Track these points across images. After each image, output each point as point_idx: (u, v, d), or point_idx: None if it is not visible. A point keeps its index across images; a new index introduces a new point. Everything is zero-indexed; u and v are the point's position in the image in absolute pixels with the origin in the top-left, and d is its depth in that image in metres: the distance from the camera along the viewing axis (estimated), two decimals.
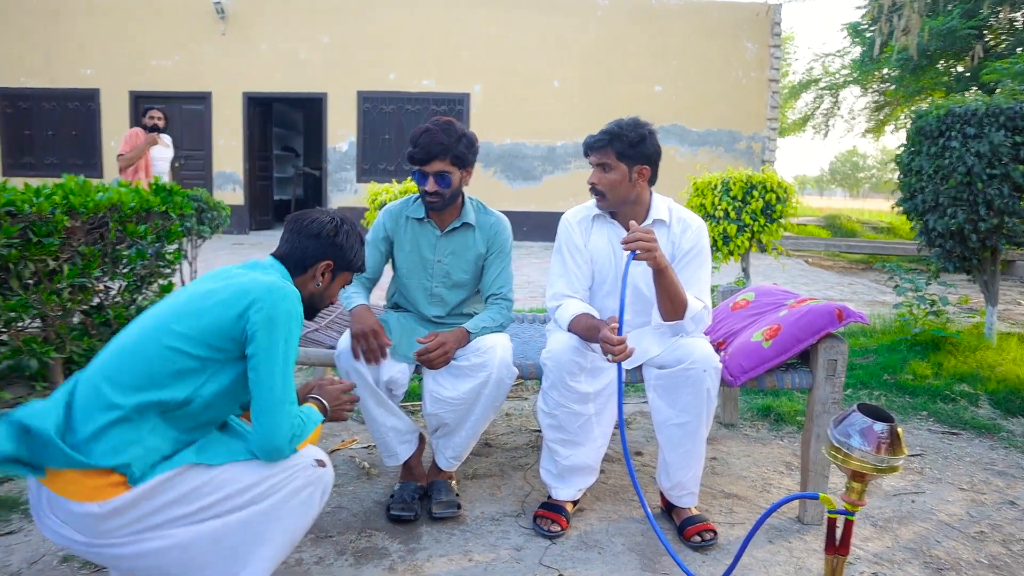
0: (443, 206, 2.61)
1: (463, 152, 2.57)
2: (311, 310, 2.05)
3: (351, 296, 2.63)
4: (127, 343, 1.73)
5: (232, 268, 1.91)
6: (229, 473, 1.72)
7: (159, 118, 6.93)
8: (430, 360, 2.47)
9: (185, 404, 1.71)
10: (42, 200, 3.23)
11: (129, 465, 1.59)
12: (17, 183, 3.40)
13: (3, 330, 3.36)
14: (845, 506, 1.73)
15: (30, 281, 3.35)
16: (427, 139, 2.52)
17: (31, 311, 3.30)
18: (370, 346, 2.45)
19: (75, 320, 3.99)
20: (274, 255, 1.99)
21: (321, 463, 1.85)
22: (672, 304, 2.36)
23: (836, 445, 1.69)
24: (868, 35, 15.12)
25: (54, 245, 3.26)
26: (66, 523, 1.59)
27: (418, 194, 2.75)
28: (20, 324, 3.49)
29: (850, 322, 2.47)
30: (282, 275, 1.92)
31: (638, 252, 2.20)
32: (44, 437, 1.55)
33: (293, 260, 1.97)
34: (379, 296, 3.08)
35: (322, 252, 1.98)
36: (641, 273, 2.47)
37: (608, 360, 2.23)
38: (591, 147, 2.51)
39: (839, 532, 1.77)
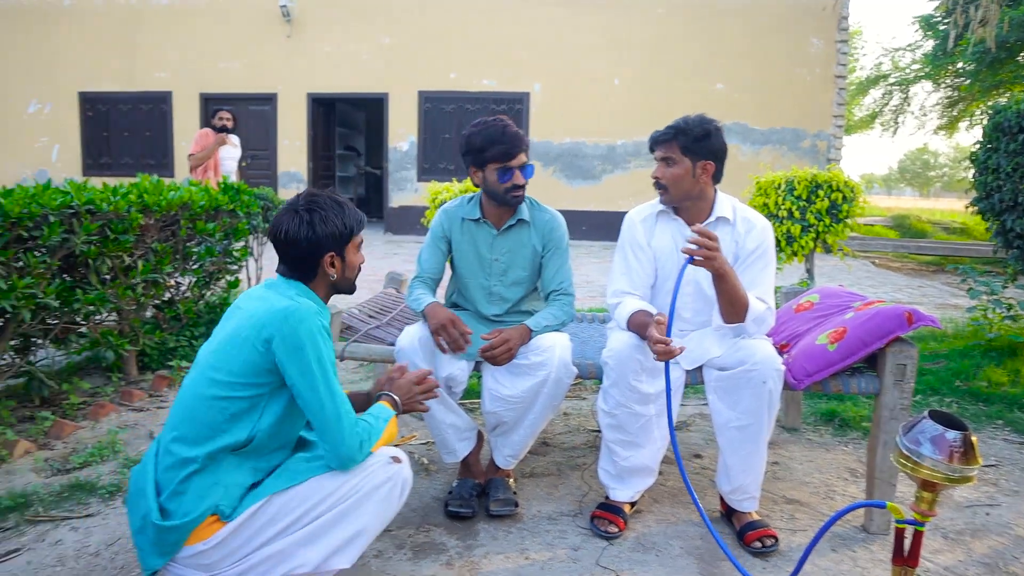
0: (523, 198, 2.67)
1: (529, 143, 2.64)
2: (346, 289, 2.02)
3: (418, 298, 2.65)
4: (183, 401, 1.83)
5: (256, 291, 1.93)
6: (310, 487, 1.82)
7: (228, 119, 7.15)
8: (494, 357, 2.48)
9: (250, 440, 1.81)
10: (119, 199, 3.37)
11: (217, 505, 1.74)
12: (96, 183, 3.55)
13: (83, 323, 3.52)
14: (914, 516, 1.68)
15: (107, 276, 3.49)
16: (513, 133, 2.57)
17: (108, 305, 3.44)
18: (451, 336, 2.47)
19: (148, 314, 4.15)
20: (279, 272, 1.95)
21: (396, 460, 1.90)
22: (732, 307, 2.33)
23: (905, 453, 1.64)
24: (942, 28, 14.57)
25: (129, 242, 3.40)
26: (183, 564, 1.77)
27: (471, 195, 2.78)
28: (98, 317, 3.65)
29: (920, 326, 2.40)
30: (297, 289, 1.90)
31: (696, 258, 2.18)
32: (172, 543, 1.74)
33: (297, 273, 1.93)
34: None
35: (314, 250, 1.89)
36: (704, 272, 2.44)
37: (654, 359, 2.21)
38: (656, 141, 2.52)
39: (907, 543, 1.72)
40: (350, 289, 2.04)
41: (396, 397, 2.05)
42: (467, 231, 2.75)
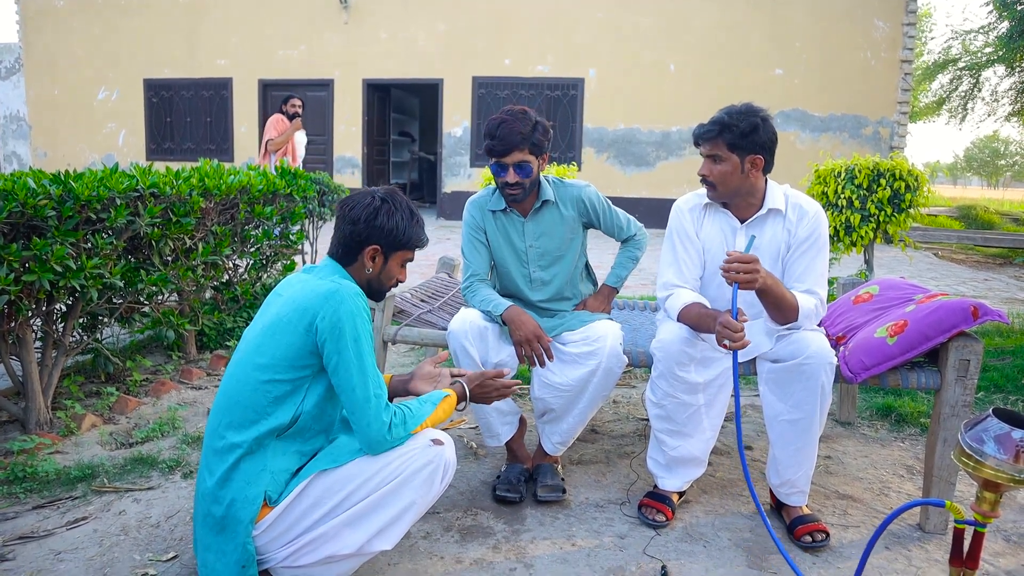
0: (523, 196, 2.61)
1: (540, 140, 2.55)
2: (374, 293, 2.03)
3: (488, 298, 2.60)
4: (228, 386, 1.87)
5: (295, 277, 1.96)
6: (351, 469, 1.86)
7: (299, 106, 7.36)
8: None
9: (294, 423, 1.85)
10: (181, 183, 3.46)
11: (264, 491, 1.80)
12: (160, 167, 3.65)
13: (146, 302, 3.64)
14: (975, 516, 1.63)
15: (169, 258, 3.60)
16: (505, 130, 2.50)
17: (170, 285, 3.55)
18: (536, 351, 2.49)
19: (207, 295, 4.27)
20: (328, 253, 2.00)
21: (438, 442, 1.92)
22: (780, 313, 2.29)
23: (967, 451, 1.59)
24: (1019, 7, 13.92)
25: (191, 224, 3.49)
26: None
27: (495, 187, 2.76)
28: (160, 297, 3.77)
29: (986, 320, 2.31)
30: (339, 273, 1.93)
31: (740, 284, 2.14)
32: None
33: (341, 250, 1.95)
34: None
35: (365, 237, 1.92)
36: None
37: (726, 346, 2.17)
38: (700, 138, 2.41)
39: (967, 544, 1.67)
40: (377, 296, 2.05)
41: (467, 387, 2.10)
42: (498, 222, 2.74)
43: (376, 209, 1.92)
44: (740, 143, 2.34)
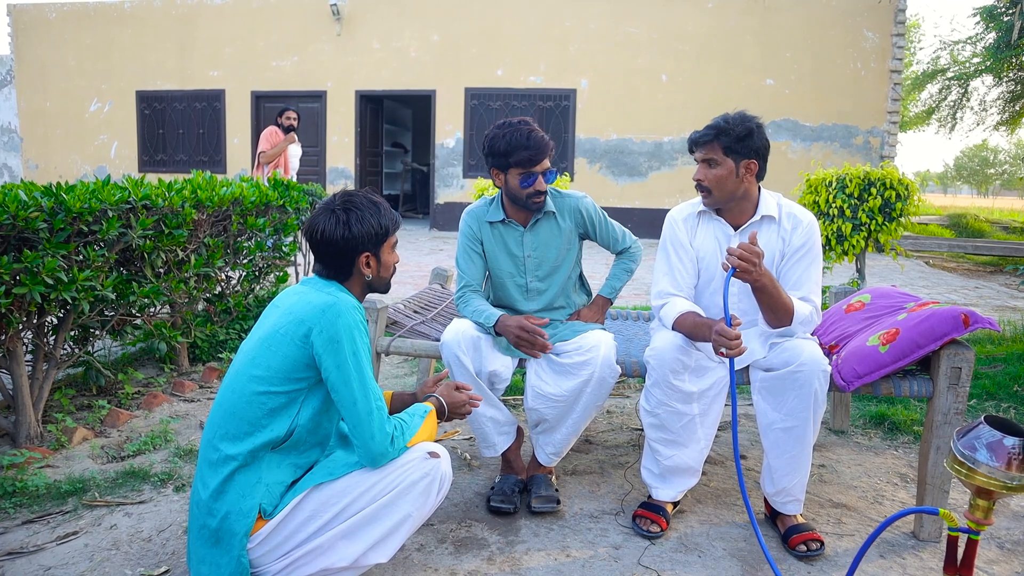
0: (544, 204, 2.65)
1: (554, 146, 2.66)
2: (381, 289, 2.04)
3: (485, 313, 2.60)
4: (223, 398, 1.87)
5: (293, 289, 1.96)
6: (347, 482, 1.85)
7: (294, 118, 7.37)
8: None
9: (290, 436, 1.84)
10: (173, 195, 3.45)
11: (259, 503, 1.79)
12: (152, 179, 3.64)
13: (138, 315, 3.62)
14: (969, 524, 1.63)
15: (161, 270, 3.59)
16: (539, 138, 2.57)
17: (162, 298, 3.53)
18: (534, 342, 2.50)
19: (199, 307, 4.25)
20: (315, 271, 1.99)
21: (434, 455, 1.91)
22: (775, 315, 2.29)
23: (960, 459, 1.59)
24: (1006, 19, 14.04)
25: (183, 236, 3.48)
26: None
27: (492, 197, 2.78)
28: (152, 310, 3.75)
29: (977, 328, 2.32)
30: (334, 287, 1.93)
31: (736, 270, 2.15)
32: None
33: (333, 272, 1.95)
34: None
35: (350, 251, 1.91)
36: None
37: (723, 354, 2.18)
38: (696, 143, 2.45)
39: (961, 552, 1.67)
40: (385, 288, 2.06)
41: (442, 399, 2.09)
42: (495, 232, 2.75)
43: (345, 222, 1.89)
44: (735, 147, 2.38)
